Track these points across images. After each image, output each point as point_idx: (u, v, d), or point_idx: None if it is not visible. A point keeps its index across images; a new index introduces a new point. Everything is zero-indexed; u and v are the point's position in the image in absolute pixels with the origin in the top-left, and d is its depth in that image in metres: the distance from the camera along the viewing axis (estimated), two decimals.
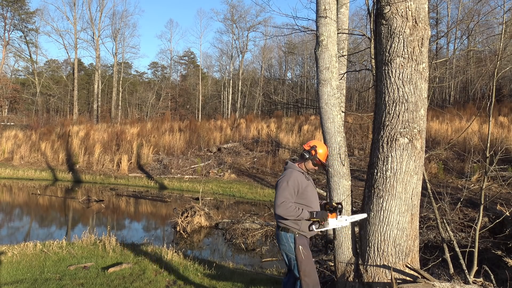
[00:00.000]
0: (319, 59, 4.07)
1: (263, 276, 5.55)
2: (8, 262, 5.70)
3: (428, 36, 3.56)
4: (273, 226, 8.59)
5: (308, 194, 3.45)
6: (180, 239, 8.60)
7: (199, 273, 5.45)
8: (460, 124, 16.49)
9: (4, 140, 21.50)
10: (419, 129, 3.55)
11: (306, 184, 3.47)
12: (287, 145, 18.29)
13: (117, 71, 41.50)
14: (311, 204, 3.46)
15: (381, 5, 3.57)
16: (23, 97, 42.28)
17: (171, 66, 50.19)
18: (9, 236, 9.17)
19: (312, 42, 25.97)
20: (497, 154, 4.65)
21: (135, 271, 5.43)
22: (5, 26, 39.93)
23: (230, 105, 41.61)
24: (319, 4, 4.07)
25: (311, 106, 21.46)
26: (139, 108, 45.70)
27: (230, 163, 17.33)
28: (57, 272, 5.29)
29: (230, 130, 21.20)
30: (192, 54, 54.25)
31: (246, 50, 43.68)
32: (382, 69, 3.62)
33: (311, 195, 3.48)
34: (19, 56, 43.32)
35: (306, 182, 3.49)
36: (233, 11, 42.91)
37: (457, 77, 25.80)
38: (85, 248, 6.51)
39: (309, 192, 3.47)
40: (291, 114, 27.99)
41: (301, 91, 41.46)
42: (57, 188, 16.01)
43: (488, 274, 4.22)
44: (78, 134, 21.41)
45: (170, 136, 20.38)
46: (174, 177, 16.61)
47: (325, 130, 4.10)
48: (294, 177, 3.41)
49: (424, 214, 8.00)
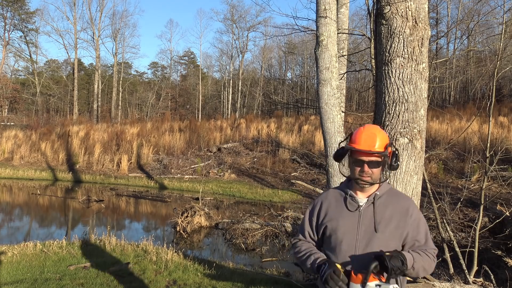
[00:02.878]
0: (319, 59, 4.07)
1: (263, 276, 5.55)
2: (8, 262, 5.70)
3: (428, 36, 3.56)
4: (273, 226, 8.59)
5: (338, 235, 1.91)
6: (180, 239, 8.60)
7: (199, 273, 5.45)
8: (460, 124, 16.49)
9: (4, 140, 21.48)
10: (419, 129, 3.55)
11: (339, 215, 1.94)
12: (287, 145, 18.29)
13: (117, 71, 41.50)
14: (337, 252, 1.91)
15: (381, 5, 3.57)
16: (23, 97, 42.27)
17: (171, 66, 50.22)
18: (9, 236, 9.17)
19: (312, 42, 25.96)
20: (497, 154, 4.66)
21: (135, 271, 5.43)
22: (5, 26, 39.95)
23: (230, 105, 41.61)
24: (319, 4, 4.07)
25: (311, 106, 21.48)
26: (139, 108, 45.70)
27: (230, 163, 17.32)
28: (57, 272, 5.28)
29: (230, 130, 21.19)
30: (192, 54, 54.29)
31: (246, 50, 43.72)
32: (382, 69, 3.62)
33: (343, 236, 1.90)
34: (19, 56, 43.34)
35: (341, 210, 1.95)
36: (233, 11, 42.96)
37: (457, 77, 25.80)
38: (85, 248, 6.51)
39: (340, 231, 1.91)
40: (291, 114, 27.99)
41: (301, 91, 41.45)
42: (57, 188, 16.01)
43: (488, 274, 4.22)
44: (78, 134, 21.40)
45: (170, 136, 20.37)
46: (174, 177, 16.60)
47: (325, 130, 4.10)
48: (319, 201, 2.05)
49: (424, 214, 7.98)
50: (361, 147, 1.87)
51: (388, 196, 1.94)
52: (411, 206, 1.93)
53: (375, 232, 1.85)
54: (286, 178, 15.21)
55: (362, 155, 1.88)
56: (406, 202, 1.95)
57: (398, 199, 1.95)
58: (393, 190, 2.00)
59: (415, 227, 1.90)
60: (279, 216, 9.56)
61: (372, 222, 1.87)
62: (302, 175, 15.35)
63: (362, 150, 1.86)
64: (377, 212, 1.89)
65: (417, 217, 1.92)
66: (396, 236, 1.87)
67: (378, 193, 1.92)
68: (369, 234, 1.86)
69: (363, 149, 1.86)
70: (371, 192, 1.93)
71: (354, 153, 1.91)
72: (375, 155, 1.86)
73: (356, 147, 1.90)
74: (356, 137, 1.92)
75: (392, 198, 1.94)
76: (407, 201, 1.96)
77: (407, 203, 1.94)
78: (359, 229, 1.88)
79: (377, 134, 1.90)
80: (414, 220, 1.90)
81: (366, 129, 1.92)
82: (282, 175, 15.62)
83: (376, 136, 1.89)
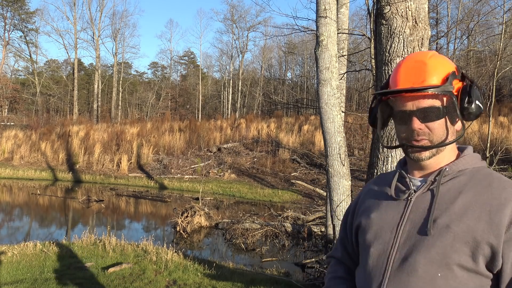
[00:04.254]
0: (319, 59, 4.07)
1: (263, 276, 5.55)
2: (8, 262, 5.70)
3: (428, 36, 3.56)
4: (273, 226, 8.59)
5: (366, 238, 1.12)
6: (180, 239, 8.60)
7: (199, 273, 5.45)
8: None
9: (4, 140, 21.49)
10: None
11: (375, 206, 1.14)
12: (287, 145, 18.30)
13: (117, 71, 41.50)
14: (362, 271, 1.12)
15: (381, 5, 3.57)
16: (23, 97, 42.27)
17: (171, 66, 50.23)
18: (9, 236, 9.17)
19: (312, 42, 25.97)
20: (497, 154, 4.66)
21: (135, 271, 5.43)
22: (5, 26, 39.96)
23: (230, 105, 41.61)
24: (319, 4, 4.07)
25: (311, 106, 21.46)
26: (139, 108, 45.70)
27: (230, 163, 17.33)
28: (57, 272, 5.29)
29: (230, 130, 21.20)
30: (192, 54, 54.29)
31: (246, 50, 43.72)
32: (382, 69, 3.62)
33: (373, 240, 1.09)
34: (19, 56, 43.34)
35: (381, 198, 1.14)
36: (233, 11, 42.96)
37: None
38: (85, 248, 6.52)
39: (371, 231, 1.11)
40: (291, 114, 27.99)
41: (301, 91, 41.46)
42: (57, 188, 16.01)
43: None
44: (78, 134, 21.41)
45: (170, 136, 20.38)
46: (174, 177, 16.61)
47: (325, 130, 4.10)
48: (362, 190, 1.26)
49: None
50: (400, 85, 1.06)
51: (471, 177, 1.03)
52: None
53: (425, 235, 0.99)
54: (286, 178, 15.21)
55: (405, 102, 1.04)
56: (506, 194, 0.97)
57: (491, 183, 1.00)
58: (484, 169, 1.06)
59: None
60: (279, 216, 9.57)
61: (424, 216, 1.01)
62: (302, 175, 15.35)
63: (401, 90, 1.03)
64: (439, 201, 1.01)
65: None
66: (467, 245, 0.95)
67: (448, 168, 1.05)
68: (415, 237, 1.01)
69: (403, 87, 1.05)
70: (438, 168, 1.07)
71: (395, 104, 1.08)
72: (427, 95, 1.02)
73: (392, 88, 1.08)
74: (394, 74, 1.10)
75: (478, 180, 1.02)
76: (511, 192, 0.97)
77: (510, 196, 0.97)
78: (401, 228, 1.04)
79: (428, 61, 1.05)
80: None
81: (408, 58, 1.09)
82: (282, 175, 15.63)
83: (426, 65, 1.04)
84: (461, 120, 1.04)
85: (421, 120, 1.03)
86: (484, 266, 0.95)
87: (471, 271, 0.95)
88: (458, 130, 1.07)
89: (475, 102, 1.02)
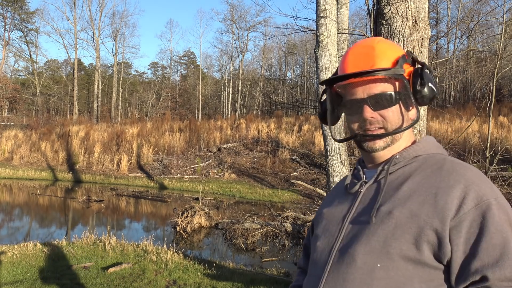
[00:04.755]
0: (319, 59, 4.07)
1: (263, 276, 5.55)
2: (8, 262, 5.70)
3: (428, 36, 3.56)
4: (273, 226, 8.59)
5: (316, 233, 1.08)
6: (180, 239, 8.61)
7: (199, 273, 5.46)
8: (460, 124, 16.49)
9: (4, 140, 21.49)
10: (419, 129, 3.54)
11: (328, 203, 1.11)
12: (287, 145, 18.30)
13: (117, 71, 41.51)
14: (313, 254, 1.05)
15: (381, 5, 3.56)
16: (23, 97, 42.28)
17: (171, 66, 50.26)
18: (9, 236, 9.17)
19: (312, 42, 25.97)
20: (497, 154, 4.66)
21: (135, 271, 5.43)
22: (5, 26, 39.98)
23: (230, 105, 41.62)
24: (319, 4, 4.07)
25: (311, 106, 21.47)
26: (139, 108, 45.72)
27: (230, 163, 17.33)
28: (57, 272, 5.29)
29: (230, 130, 21.20)
30: (192, 54, 54.32)
31: (246, 50, 43.74)
32: None
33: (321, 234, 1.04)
34: (19, 56, 43.37)
35: (335, 195, 1.11)
36: (233, 11, 43.00)
37: (457, 77, 25.80)
38: (85, 248, 6.52)
39: (320, 226, 1.07)
40: (291, 114, 27.99)
41: (301, 91, 41.47)
42: (57, 188, 16.01)
43: None
44: (78, 134, 21.41)
45: (170, 136, 20.38)
46: (174, 177, 16.61)
47: (325, 130, 4.10)
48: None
49: None
50: (349, 71, 0.98)
51: (422, 163, 0.96)
52: (473, 187, 0.86)
53: (368, 224, 0.92)
54: (286, 178, 15.21)
55: (355, 88, 0.98)
56: (456, 176, 0.89)
57: (442, 166, 0.93)
58: (439, 155, 0.98)
59: (475, 228, 0.83)
60: (279, 216, 9.57)
61: (371, 206, 0.95)
62: (302, 175, 15.35)
63: (349, 74, 0.96)
64: (387, 189, 0.95)
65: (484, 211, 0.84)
66: (409, 232, 0.86)
67: (398, 156, 0.99)
68: (358, 227, 0.94)
69: (351, 71, 0.97)
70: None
71: (344, 94, 1.02)
72: (378, 79, 0.95)
73: (340, 73, 1.02)
74: (342, 61, 1.04)
75: (428, 165, 0.95)
76: (462, 175, 0.89)
77: (460, 178, 0.88)
78: (347, 220, 0.98)
79: (376, 45, 0.99)
80: (471, 212, 0.83)
81: (356, 44, 1.04)
82: (282, 175, 15.63)
83: (374, 49, 0.98)
84: (415, 106, 0.98)
85: (373, 108, 0.96)
86: (432, 255, 0.85)
87: (416, 261, 0.86)
88: (412, 119, 1.00)
89: (427, 84, 0.96)
